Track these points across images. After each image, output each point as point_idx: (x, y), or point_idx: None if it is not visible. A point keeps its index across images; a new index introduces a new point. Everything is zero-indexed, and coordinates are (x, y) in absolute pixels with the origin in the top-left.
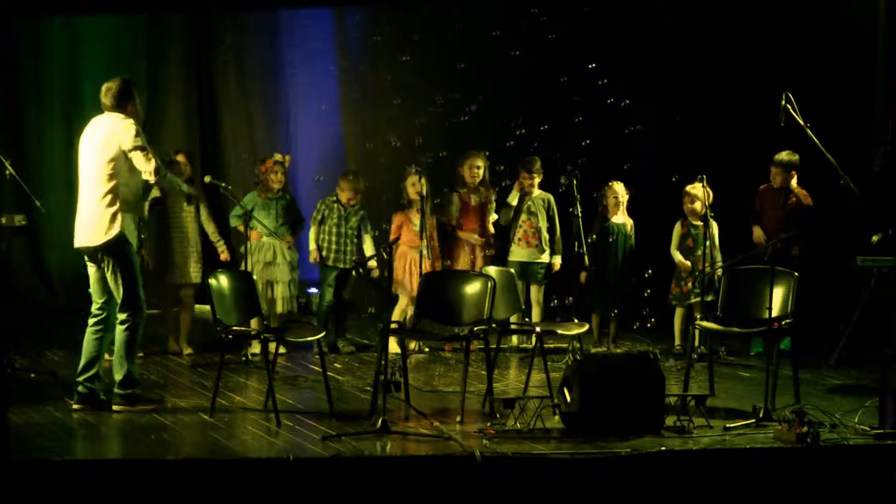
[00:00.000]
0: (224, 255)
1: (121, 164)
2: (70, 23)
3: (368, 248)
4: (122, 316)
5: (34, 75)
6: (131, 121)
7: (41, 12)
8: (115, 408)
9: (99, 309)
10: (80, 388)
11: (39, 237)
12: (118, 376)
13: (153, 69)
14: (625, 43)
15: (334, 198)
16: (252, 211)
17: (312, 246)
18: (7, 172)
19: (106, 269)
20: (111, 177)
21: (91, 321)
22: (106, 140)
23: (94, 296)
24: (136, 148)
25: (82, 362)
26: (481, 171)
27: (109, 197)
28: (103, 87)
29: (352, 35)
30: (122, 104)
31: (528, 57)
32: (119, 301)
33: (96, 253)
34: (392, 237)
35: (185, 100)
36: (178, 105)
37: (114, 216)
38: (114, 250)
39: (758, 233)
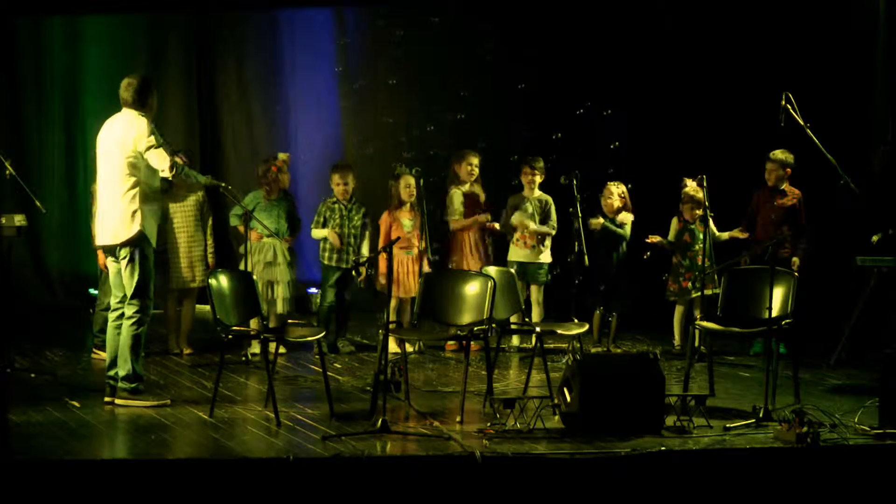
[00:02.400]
0: (211, 260)
1: (139, 163)
2: (70, 22)
3: (365, 249)
4: (128, 311)
5: (34, 75)
6: (145, 120)
7: (41, 12)
8: (117, 401)
9: (119, 303)
10: (111, 382)
11: (39, 237)
12: (122, 372)
13: (153, 69)
14: (624, 42)
15: (334, 198)
16: (253, 211)
17: (324, 233)
18: (7, 172)
19: (122, 265)
20: (129, 176)
21: (111, 316)
22: (122, 140)
23: (113, 290)
24: (149, 147)
25: (109, 357)
26: (477, 170)
27: (129, 196)
28: (124, 82)
29: (352, 35)
30: (141, 100)
31: (529, 55)
32: (128, 296)
33: (116, 249)
34: (382, 238)
35: (185, 100)
36: (178, 105)
37: (133, 214)
38: (133, 247)
39: (744, 260)
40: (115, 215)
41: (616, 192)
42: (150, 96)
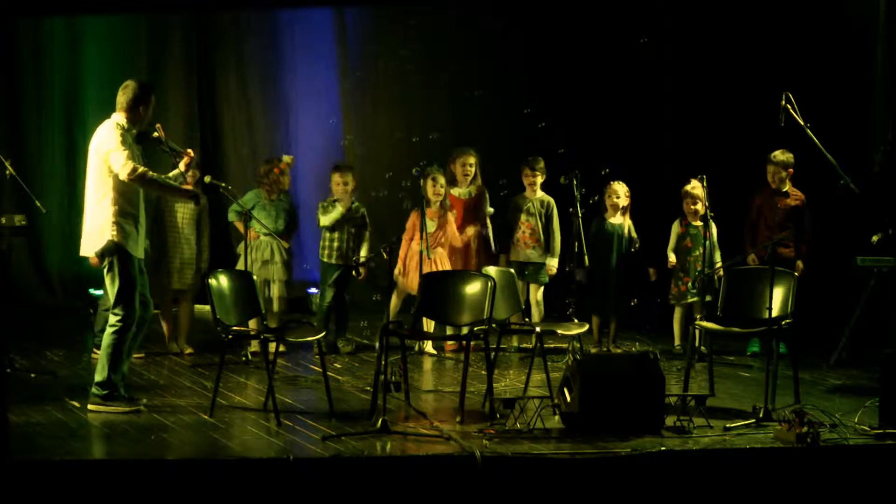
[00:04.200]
0: (201, 266)
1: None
2: (70, 23)
3: (364, 248)
4: (112, 319)
5: (34, 75)
6: (115, 124)
7: (41, 12)
8: (90, 406)
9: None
10: None
11: (39, 237)
12: (98, 377)
13: (153, 69)
14: (624, 42)
15: (334, 198)
16: (252, 210)
17: (339, 210)
18: (7, 172)
19: (104, 272)
20: (105, 182)
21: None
22: (98, 146)
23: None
24: (112, 150)
25: None
26: (473, 169)
27: (104, 203)
28: (123, 84)
29: (352, 35)
30: (132, 105)
31: (528, 56)
32: (111, 306)
33: (98, 258)
34: (407, 238)
35: (185, 100)
36: (178, 105)
37: (108, 222)
38: (108, 256)
39: (752, 258)
40: (92, 224)
41: (621, 191)
42: (142, 104)
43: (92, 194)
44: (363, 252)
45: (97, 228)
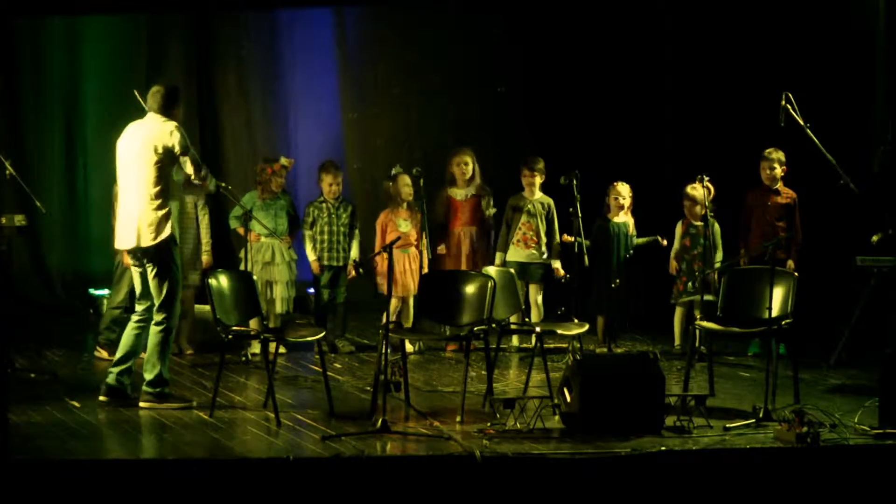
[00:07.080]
0: (206, 259)
1: (167, 167)
2: (70, 23)
3: (353, 249)
4: (158, 317)
5: (34, 75)
6: (175, 123)
7: (41, 12)
8: (142, 404)
9: (145, 310)
10: (108, 379)
11: (39, 237)
12: (149, 375)
13: (153, 69)
14: (624, 41)
15: (322, 198)
16: (251, 211)
17: (312, 257)
18: (7, 172)
19: (150, 270)
20: (159, 179)
21: (134, 317)
22: (151, 143)
23: (137, 295)
24: (186, 152)
25: (118, 355)
26: (469, 168)
27: (160, 200)
28: (152, 89)
29: (352, 35)
30: (167, 108)
31: (527, 55)
32: (158, 302)
33: (144, 254)
34: (378, 239)
35: (185, 100)
36: None
37: (165, 218)
38: (162, 252)
39: (743, 261)
40: (144, 219)
41: (624, 190)
42: (175, 106)
43: (142, 189)
44: (354, 252)
45: (154, 222)
